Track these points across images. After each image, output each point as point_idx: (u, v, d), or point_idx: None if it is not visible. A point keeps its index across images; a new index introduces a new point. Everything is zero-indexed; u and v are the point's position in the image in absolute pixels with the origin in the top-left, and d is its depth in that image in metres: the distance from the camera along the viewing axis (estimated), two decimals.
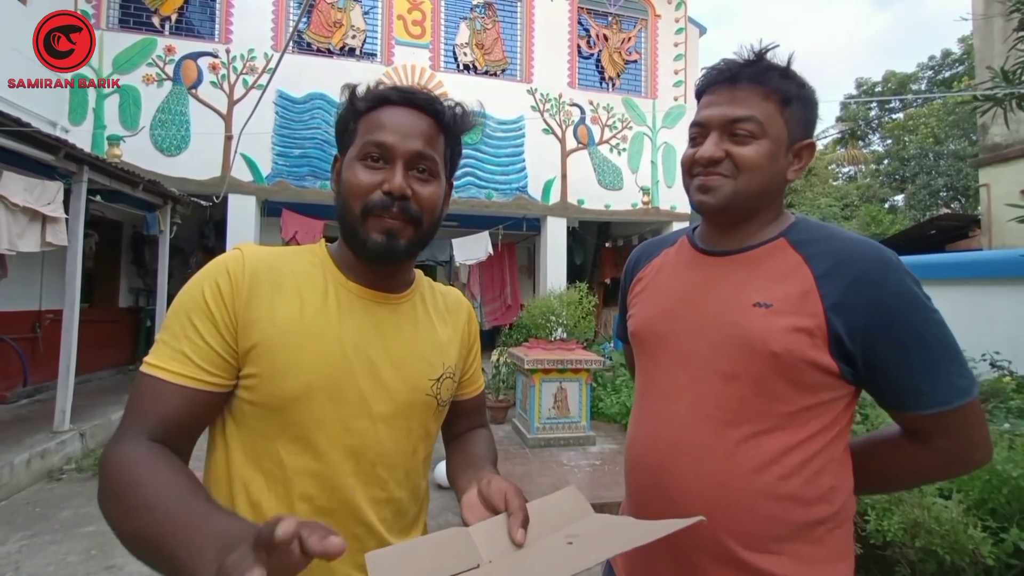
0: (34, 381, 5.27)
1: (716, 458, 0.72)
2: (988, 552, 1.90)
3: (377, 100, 0.70)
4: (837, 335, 0.68)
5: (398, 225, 0.67)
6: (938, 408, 0.68)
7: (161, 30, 6.33)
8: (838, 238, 0.74)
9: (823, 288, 0.70)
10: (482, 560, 0.52)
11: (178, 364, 0.61)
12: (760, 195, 0.76)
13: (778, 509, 0.69)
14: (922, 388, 0.68)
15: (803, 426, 0.70)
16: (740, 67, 0.75)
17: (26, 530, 2.82)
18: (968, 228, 7.75)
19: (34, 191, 3.81)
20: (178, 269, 7.44)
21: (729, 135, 0.74)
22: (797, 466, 0.70)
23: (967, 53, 16.38)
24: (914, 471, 0.77)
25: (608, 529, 0.56)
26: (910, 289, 0.69)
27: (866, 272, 0.69)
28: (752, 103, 0.73)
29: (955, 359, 0.70)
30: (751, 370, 0.71)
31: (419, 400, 0.72)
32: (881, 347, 0.68)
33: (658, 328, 0.82)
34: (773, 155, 0.74)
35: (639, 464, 0.81)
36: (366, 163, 0.68)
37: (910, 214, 15.83)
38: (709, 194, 0.76)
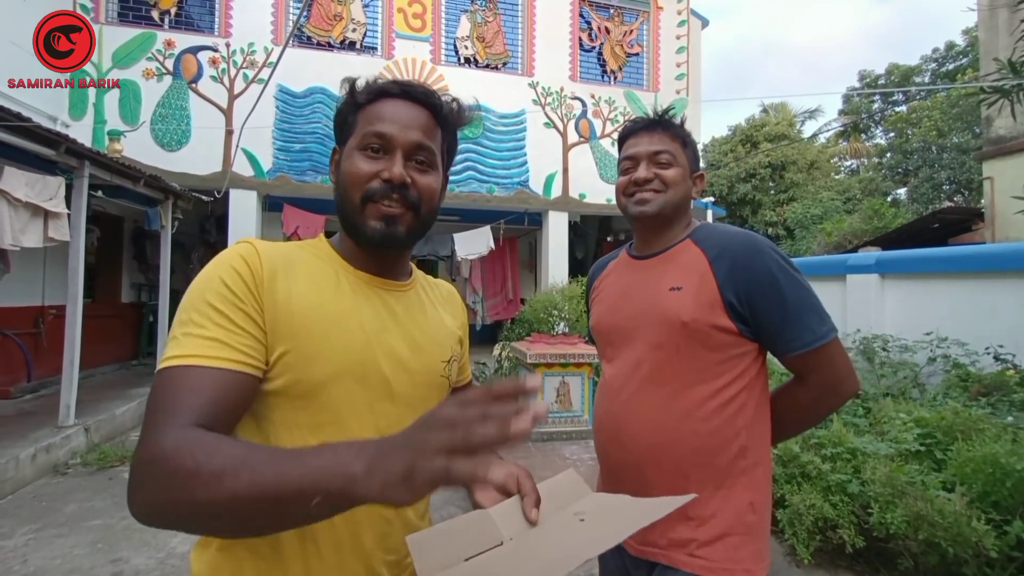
0: (37, 376, 5.29)
1: (651, 409, 0.95)
2: (991, 544, 1.91)
3: (377, 93, 0.71)
4: (730, 302, 0.91)
5: (398, 211, 0.68)
6: (803, 349, 0.90)
7: (160, 24, 6.30)
8: (724, 233, 0.99)
9: (715, 270, 0.93)
10: (504, 538, 0.56)
11: (213, 350, 0.56)
12: (679, 205, 1.02)
13: (703, 443, 0.91)
14: (789, 335, 0.90)
15: (717, 379, 0.92)
16: (655, 120, 1.06)
17: (33, 523, 2.84)
18: (971, 221, 7.72)
19: (36, 186, 3.81)
20: (179, 264, 7.45)
21: (654, 163, 1.02)
22: (715, 410, 0.92)
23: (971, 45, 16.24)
24: (801, 407, 0.98)
25: (612, 507, 0.63)
26: (774, 261, 0.91)
27: (740, 255, 0.92)
28: (666, 141, 1.03)
29: (813, 311, 0.91)
30: (671, 338, 0.93)
31: (435, 382, 0.75)
32: (758, 308, 0.91)
33: (609, 320, 1.08)
34: (684, 178, 1.03)
35: (601, 423, 1.05)
36: (366, 153, 0.68)
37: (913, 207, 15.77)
38: (647, 205, 1.01)
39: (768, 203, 16.42)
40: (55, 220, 3.96)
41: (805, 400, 0.97)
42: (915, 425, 2.61)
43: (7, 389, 4.91)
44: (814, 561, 2.24)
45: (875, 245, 7.41)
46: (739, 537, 0.90)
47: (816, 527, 2.24)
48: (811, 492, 2.30)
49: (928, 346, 3.63)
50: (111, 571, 2.39)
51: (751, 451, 0.93)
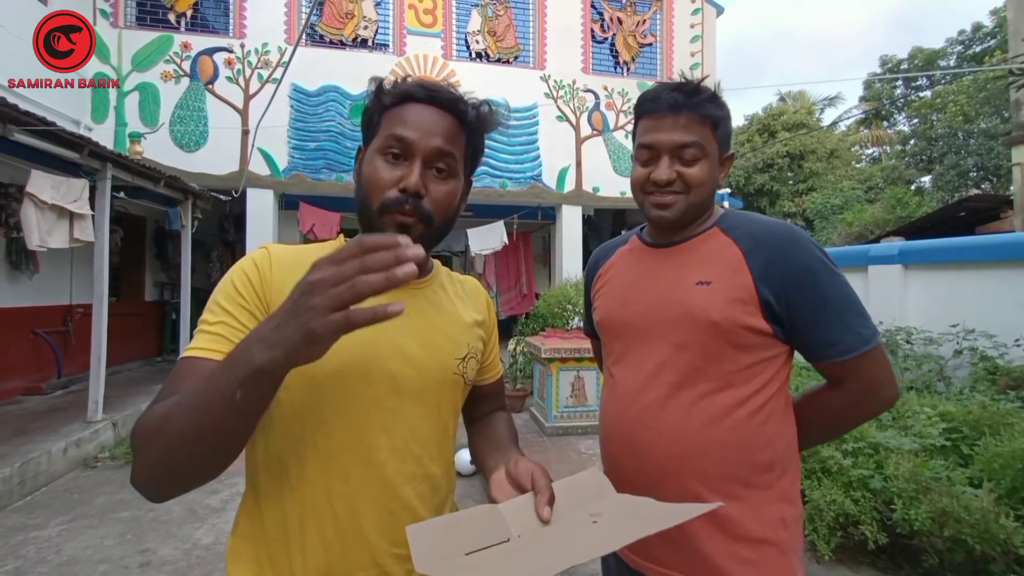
0: (67, 373, 5.46)
1: (675, 415, 0.83)
2: (1021, 542, 1.86)
3: (402, 96, 0.71)
4: (767, 301, 0.81)
5: (411, 221, 0.69)
6: (846, 356, 0.81)
7: (177, 27, 6.40)
8: (758, 222, 0.88)
9: (750, 263, 0.83)
10: (512, 535, 0.55)
11: (215, 344, 0.62)
12: (704, 203, 0.90)
13: (729, 455, 0.81)
14: (830, 340, 0.81)
15: (746, 383, 0.83)
16: (680, 98, 0.86)
17: (65, 515, 2.94)
18: (999, 209, 7.48)
19: (61, 189, 3.92)
20: (200, 263, 7.60)
21: (678, 158, 0.87)
22: (744, 418, 0.82)
23: (999, 26, 15.64)
24: (836, 413, 0.89)
25: (630, 510, 0.60)
26: (814, 256, 0.82)
27: (777, 247, 0.82)
28: (693, 129, 0.86)
29: (857, 313, 0.82)
30: (698, 339, 0.83)
31: (447, 379, 0.75)
32: (796, 307, 0.81)
33: (619, 314, 0.95)
34: (711, 171, 0.88)
35: (612, 430, 0.92)
36: (386, 158, 0.70)
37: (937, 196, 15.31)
38: (667, 210, 0.89)
39: (786, 193, 16.11)
40: (80, 221, 4.07)
41: (839, 407, 0.87)
42: (940, 419, 2.55)
43: (39, 385, 5.09)
44: (835, 557, 2.21)
45: (898, 235, 7.21)
46: (770, 554, 0.82)
47: (837, 523, 2.20)
48: (832, 488, 2.27)
49: (954, 338, 3.53)
50: (139, 561, 2.47)
51: (780, 461, 0.84)
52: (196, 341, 0.63)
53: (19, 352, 5.02)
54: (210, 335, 0.63)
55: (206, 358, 0.61)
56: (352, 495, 0.66)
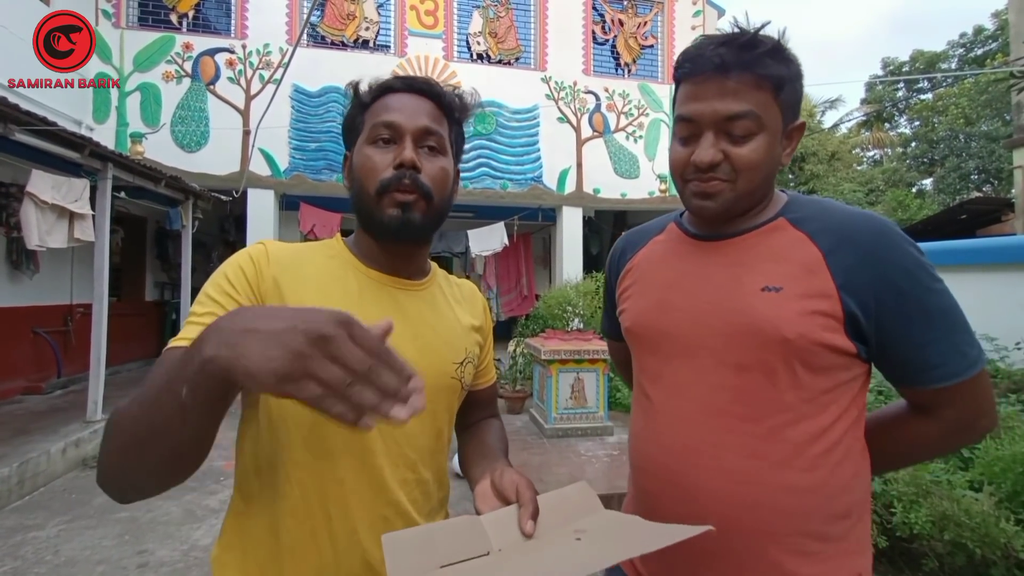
0: (67, 373, 5.46)
1: (736, 455, 0.68)
2: (1021, 546, 1.85)
3: (380, 90, 0.73)
4: (852, 314, 0.65)
5: (411, 198, 0.68)
6: (950, 381, 0.65)
7: (179, 27, 6.41)
8: (837, 211, 0.70)
9: (832, 265, 0.66)
10: (492, 548, 0.53)
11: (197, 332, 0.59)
12: (759, 189, 0.72)
13: (803, 503, 0.66)
14: (933, 361, 0.65)
15: (822, 412, 0.67)
16: (729, 55, 0.67)
17: (63, 515, 2.94)
18: (1001, 212, 7.47)
19: (61, 188, 3.92)
20: (201, 263, 7.60)
21: (724, 133, 0.69)
22: (820, 456, 0.66)
23: (1001, 29, 15.64)
24: (923, 444, 0.74)
25: (616, 529, 0.57)
26: (914, 259, 0.66)
27: (870, 245, 0.65)
28: (746, 95, 0.67)
29: (963, 329, 0.66)
30: (763, 359, 0.67)
31: (444, 383, 0.74)
32: (889, 321, 0.65)
33: (656, 322, 0.78)
34: (771, 148, 0.70)
35: (650, 466, 0.76)
36: (376, 145, 0.70)
37: (939, 198, 15.30)
38: (710, 200, 0.71)
39: None
40: (80, 221, 4.07)
41: (931, 437, 0.72)
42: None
43: (39, 385, 5.09)
44: None
45: None
46: None
47: None
48: None
49: None
50: (137, 562, 2.47)
51: (857, 507, 0.69)
52: (182, 332, 0.60)
53: (19, 352, 5.02)
54: (196, 326, 0.60)
55: None
56: (347, 499, 0.65)
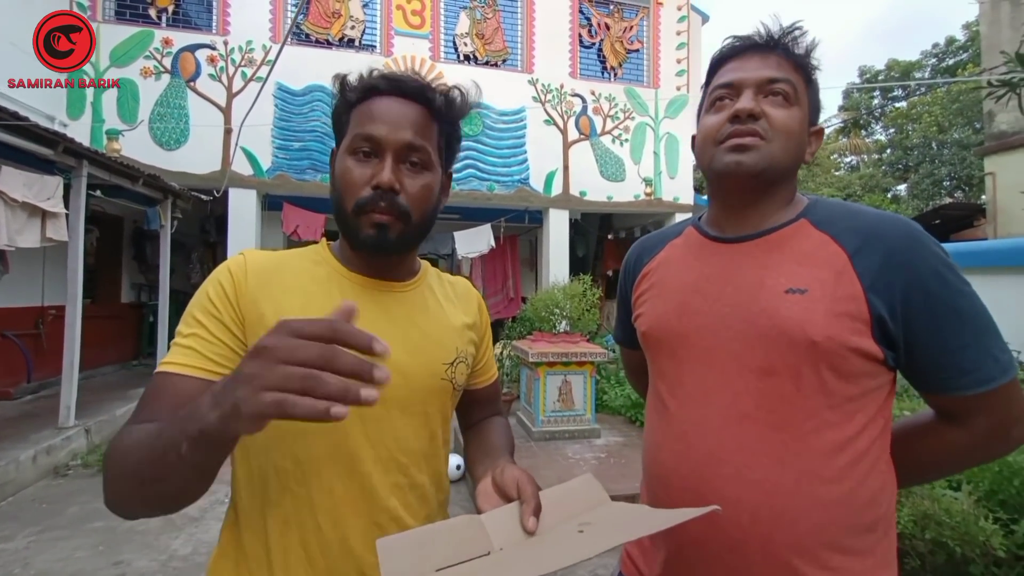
0: (38, 377, 5.27)
1: (760, 463, 0.66)
2: (999, 544, 1.90)
3: (366, 91, 0.70)
4: (880, 317, 0.64)
5: (387, 220, 0.67)
6: (984, 388, 0.63)
7: (158, 22, 6.25)
8: (861, 213, 0.70)
9: (859, 267, 0.65)
10: (493, 547, 0.52)
11: (187, 358, 0.62)
12: (788, 168, 0.71)
13: (829, 515, 0.64)
14: (964, 367, 0.63)
15: (849, 421, 0.65)
16: (774, 39, 0.72)
17: (34, 526, 2.83)
18: (973, 217, 7.71)
19: (33, 186, 3.78)
20: (180, 264, 7.43)
21: (765, 95, 0.70)
22: (847, 467, 0.64)
23: (972, 40, 16.18)
24: (953, 455, 0.72)
25: (621, 517, 0.56)
26: (943, 261, 0.65)
27: (898, 247, 0.64)
28: (786, 70, 0.71)
29: (994, 333, 0.65)
30: (789, 363, 0.65)
31: (435, 385, 0.72)
32: (919, 324, 0.64)
33: (675, 325, 0.76)
34: (802, 127, 0.71)
35: (667, 475, 0.74)
36: (356, 157, 0.68)
37: (913, 203, 15.75)
38: (747, 154, 0.69)
39: None
40: (53, 220, 3.93)
41: (962, 447, 0.70)
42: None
43: (7, 390, 4.90)
44: None
45: None
46: None
47: None
48: None
49: None
50: (113, 573, 2.38)
51: (883, 520, 0.68)
52: (170, 355, 0.62)
53: None
54: (183, 348, 0.62)
55: (179, 374, 0.60)
56: (337, 508, 0.64)
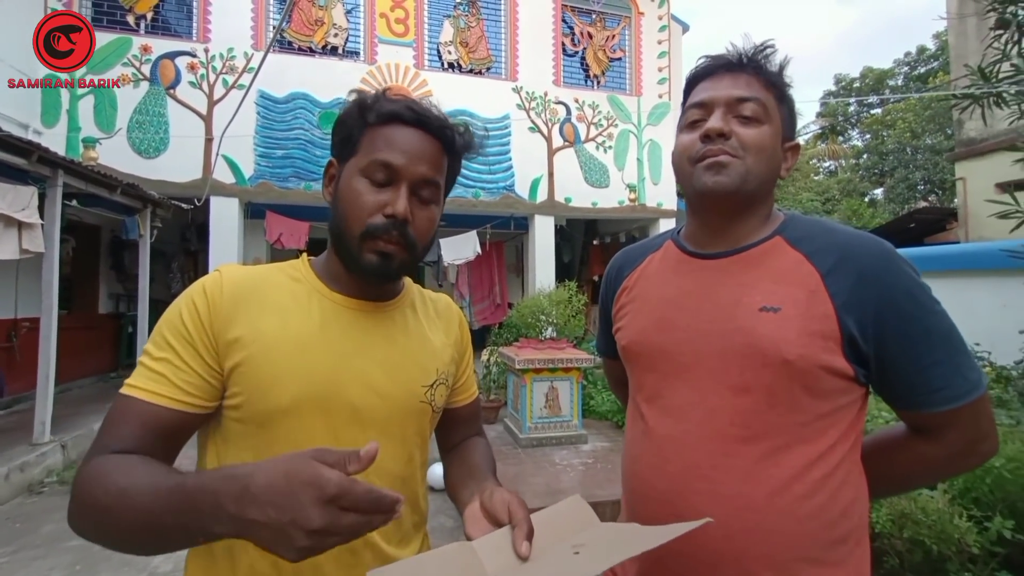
0: (11, 392, 5.12)
1: (733, 479, 0.67)
2: (973, 541, 1.95)
3: (389, 116, 0.68)
4: (851, 336, 0.65)
5: (394, 249, 0.66)
6: (952, 405, 0.66)
7: (136, 29, 6.17)
8: (836, 232, 0.71)
9: (831, 287, 0.66)
10: (487, 574, 0.51)
11: (156, 384, 0.60)
12: (763, 184, 0.72)
13: (802, 530, 0.65)
14: (934, 385, 0.66)
15: (821, 436, 0.67)
16: (746, 57, 0.74)
17: (7, 546, 2.74)
18: (946, 221, 7.93)
19: (7, 197, 3.69)
20: (160, 274, 7.29)
21: (735, 115, 0.71)
22: (818, 481, 0.66)
23: (942, 49, 16.73)
24: (924, 468, 0.74)
25: (615, 537, 0.56)
26: (915, 281, 0.67)
27: (871, 267, 0.66)
28: (756, 89, 0.72)
29: (964, 351, 0.67)
30: (763, 380, 0.67)
31: (413, 407, 0.72)
32: (890, 343, 0.65)
33: (654, 340, 0.77)
34: (774, 144, 0.72)
35: (644, 489, 0.75)
36: (370, 181, 0.67)
37: (889, 207, 16.15)
38: (723, 172, 0.70)
39: None
40: (29, 231, 3.84)
41: (933, 460, 0.72)
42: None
43: None
44: None
45: None
46: None
47: None
48: None
49: None
50: None
51: (855, 531, 0.69)
52: (137, 376, 0.61)
53: None
54: (151, 373, 0.61)
55: (147, 401, 0.60)
56: None
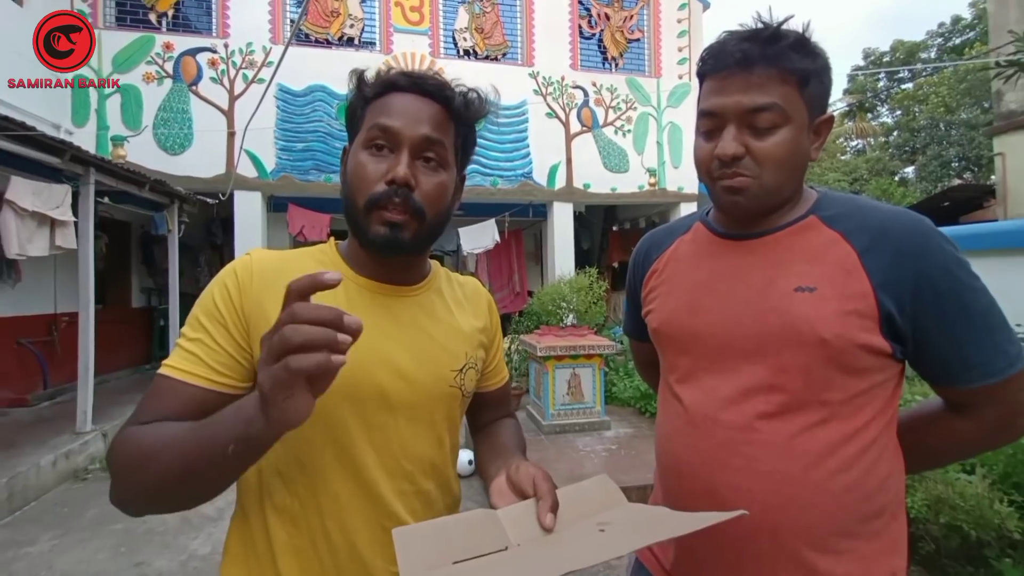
0: (53, 383, 5.35)
1: (769, 455, 0.67)
2: (1015, 526, 1.89)
3: (384, 86, 0.68)
4: (888, 314, 0.65)
5: (401, 218, 0.65)
6: (991, 380, 0.65)
7: (158, 27, 6.27)
8: (871, 209, 0.70)
9: (868, 265, 0.66)
10: (510, 543, 0.51)
11: (189, 364, 0.62)
12: (787, 185, 0.71)
13: (837, 503, 0.66)
14: (972, 361, 0.65)
15: (857, 413, 0.67)
16: (753, 50, 0.67)
17: (56, 529, 2.88)
18: (982, 199, 7.60)
19: (42, 195, 3.83)
20: (188, 268, 7.48)
21: (747, 126, 0.68)
22: (854, 457, 0.66)
23: (979, 18, 15.89)
24: (960, 443, 0.74)
25: (643, 518, 0.56)
26: (954, 258, 0.66)
27: (909, 244, 0.65)
28: (771, 88, 0.67)
29: (1003, 327, 0.66)
30: (799, 360, 0.67)
31: (443, 391, 0.71)
32: (928, 321, 0.65)
33: (687, 323, 0.77)
34: (797, 142, 0.69)
35: (679, 467, 0.76)
36: (371, 151, 0.66)
37: (921, 186, 15.56)
38: (740, 195, 0.70)
39: None
40: (62, 228, 3.98)
41: (970, 436, 0.72)
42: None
43: (24, 397, 4.98)
44: None
45: None
46: None
47: None
48: None
49: None
50: (134, 574, 2.43)
51: (891, 505, 0.69)
52: (173, 357, 0.63)
53: (3, 363, 4.90)
54: (187, 354, 0.62)
55: (181, 380, 0.61)
56: (343, 513, 0.64)
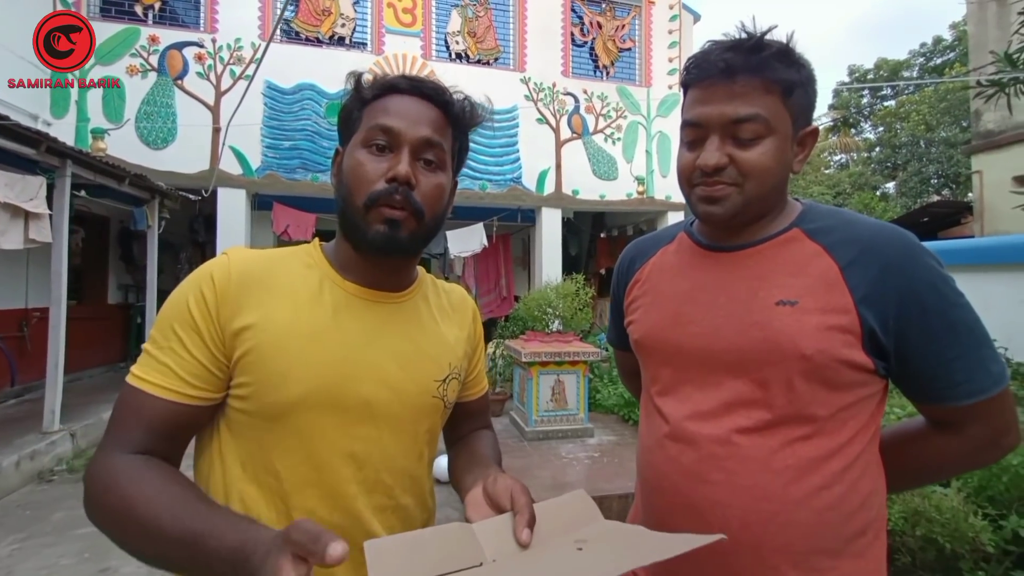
0: (22, 381, 5.18)
1: (750, 470, 0.66)
2: (988, 539, 1.91)
3: (384, 88, 0.68)
4: (871, 329, 0.64)
5: (401, 215, 0.64)
6: (976, 398, 0.65)
7: (144, 19, 6.16)
8: (856, 223, 0.70)
9: (850, 279, 0.65)
10: (486, 559, 0.50)
11: (161, 377, 0.59)
12: (769, 196, 0.70)
13: (819, 520, 0.65)
14: (958, 378, 0.65)
15: (840, 429, 0.66)
16: (736, 59, 0.66)
17: (18, 533, 2.78)
18: (960, 215, 7.79)
19: (15, 187, 3.71)
20: (168, 264, 7.34)
21: (731, 137, 0.68)
22: (837, 473, 0.65)
23: (959, 39, 16.39)
24: (945, 462, 0.73)
25: (620, 539, 0.54)
26: (939, 274, 0.65)
27: (893, 258, 0.65)
28: (754, 99, 0.66)
29: (986, 344, 0.66)
30: (781, 375, 0.66)
31: (426, 402, 0.70)
32: (912, 337, 0.64)
33: (669, 335, 0.76)
34: (780, 152, 0.68)
35: (660, 482, 0.74)
36: (370, 150, 0.65)
37: (901, 201, 15.93)
38: (717, 205, 0.70)
39: None
40: (36, 221, 3.86)
41: (954, 454, 0.71)
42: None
43: None
44: None
45: None
46: None
47: None
48: None
49: None
50: None
51: (874, 523, 0.69)
52: (143, 366, 0.60)
53: None
54: (157, 364, 0.60)
55: (152, 395, 0.58)
56: None
